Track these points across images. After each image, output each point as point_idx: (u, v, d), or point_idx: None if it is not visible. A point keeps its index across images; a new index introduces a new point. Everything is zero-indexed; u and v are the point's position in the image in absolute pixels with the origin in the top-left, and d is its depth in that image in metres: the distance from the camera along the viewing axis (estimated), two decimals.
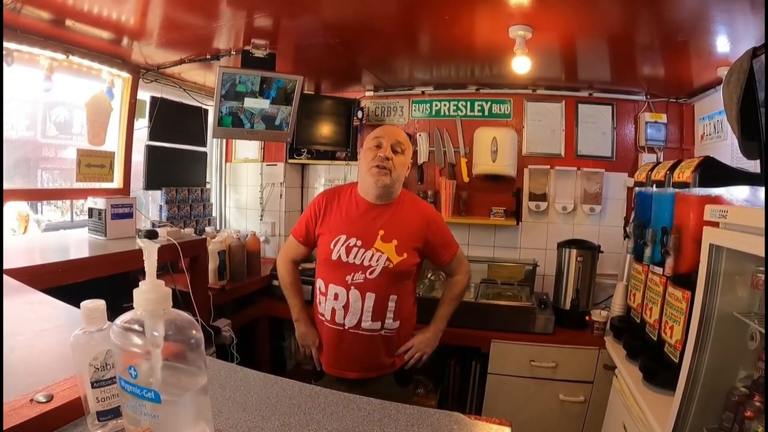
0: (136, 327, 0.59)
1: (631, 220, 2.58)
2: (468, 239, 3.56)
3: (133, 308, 0.60)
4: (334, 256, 1.93)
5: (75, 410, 0.72)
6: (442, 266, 2.20)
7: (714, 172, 1.88)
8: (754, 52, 1.62)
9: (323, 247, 1.99)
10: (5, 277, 1.44)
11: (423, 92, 3.61)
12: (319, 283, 2.00)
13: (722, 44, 2.20)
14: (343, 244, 1.93)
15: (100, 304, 0.71)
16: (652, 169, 2.34)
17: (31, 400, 0.69)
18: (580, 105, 3.36)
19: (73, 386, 0.74)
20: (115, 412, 0.70)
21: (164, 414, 0.58)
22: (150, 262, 0.61)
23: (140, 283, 0.60)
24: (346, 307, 1.92)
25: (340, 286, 1.92)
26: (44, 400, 0.70)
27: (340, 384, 1.96)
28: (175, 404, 0.60)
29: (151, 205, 3.45)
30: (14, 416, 0.65)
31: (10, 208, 2.51)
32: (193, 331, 0.61)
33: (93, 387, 0.69)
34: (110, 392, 0.69)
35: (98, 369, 0.68)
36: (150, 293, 0.59)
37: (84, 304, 0.70)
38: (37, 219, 2.77)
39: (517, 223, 3.35)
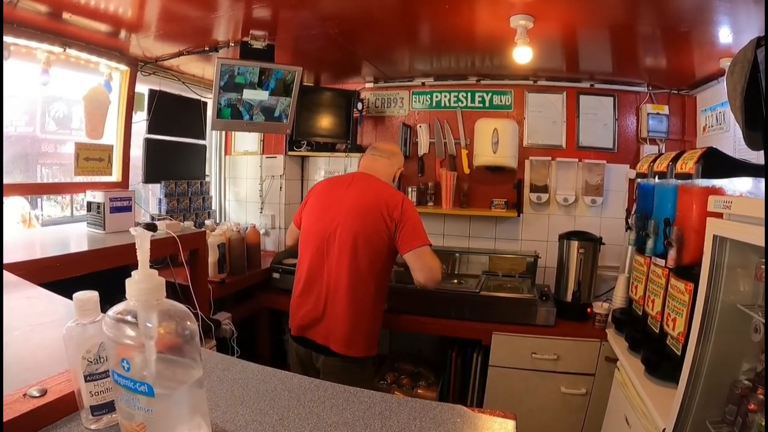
0: (129, 318, 0.57)
1: (633, 212, 2.56)
2: (469, 231, 3.56)
3: None
4: None
5: (69, 405, 0.70)
6: None
7: (717, 163, 1.87)
8: (758, 42, 1.60)
9: None
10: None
11: (423, 83, 3.59)
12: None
13: (725, 35, 2.17)
14: None
15: (93, 295, 0.69)
16: (654, 161, 2.32)
17: (25, 395, 0.68)
18: (581, 96, 3.33)
19: (67, 380, 0.72)
20: (109, 407, 0.68)
21: (158, 408, 0.57)
22: (142, 251, 0.60)
23: (132, 273, 0.59)
24: None
25: None
26: (38, 395, 0.68)
27: None
28: (169, 398, 0.59)
29: (150, 199, 3.44)
30: (7, 411, 0.64)
31: (13, 206, 2.50)
32: (188, 322, 0.59)
33: (86, 381, 0.67)
34: (104, 386, 0.68)
35: (91, 362, 0.67)
36: (142, 283, 0.58)
37: (76, 295, 0.68)
38: (37, 214, 2.75)
39: (518, 215, 3.34)
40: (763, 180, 1.79)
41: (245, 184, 3.99)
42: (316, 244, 2.20)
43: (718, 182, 1.86)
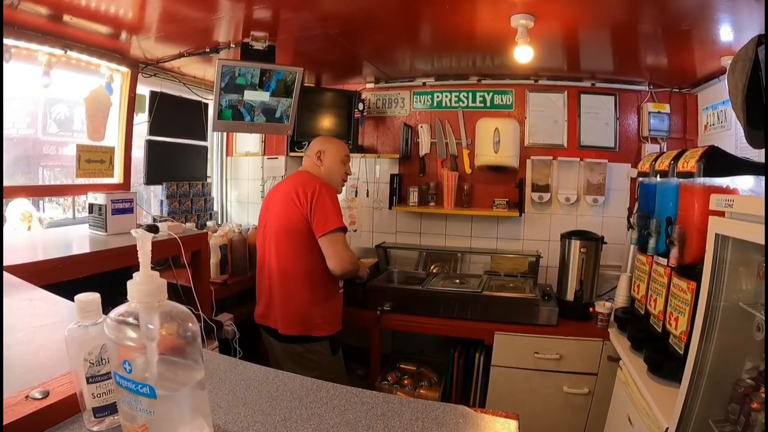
0: (130, 320, 0.57)
1: (634, 211, 2.56)
2: (471, 231, 3.55)
3: None
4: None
5: (71, 407, 0.70)
6: None
7: (719, 162, 1.86)
8: (759, 40, 1.59)
9: None
10: (4, 274, 1.43)
11: (424, 83, 3.59)
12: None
13: (726, 33, 2.17)
14: None
15: (95, 297, 0.69)
16: (655, 159, 2.31)
17: (27, 397, 0.68)
18: (582, 95, 3.33)
19: (69, 382, 0.72)
20: (111, 408, 0.68)
21: (160, 409, 0.57)
22: (143, 253, 0.59)
23: (134, 275, 0.59)
24: None
25: None
26: (40, 397, 0.68)
27: None
28: (171, 399, 0.59)
29: (152, 200, 3.45)
30: (9, 413, 0.64)
31: (14, 208, 2.50)
32: (190, 324, 0.59)
33: (88, 382, 0.67)
34: (106, 388, 0.68)
35: (93, 364, 0.67)
36: (144, 285, 0.58)
37: (78, 297, 0.68)
38: (39, 217, 2.75)
39: (520, 215, 3.33)
40: (764, 178, 1.78)
41: (247, 185, 4.00)
42: (260, 242, 2.51)
43: (720, 181, 1.85)
